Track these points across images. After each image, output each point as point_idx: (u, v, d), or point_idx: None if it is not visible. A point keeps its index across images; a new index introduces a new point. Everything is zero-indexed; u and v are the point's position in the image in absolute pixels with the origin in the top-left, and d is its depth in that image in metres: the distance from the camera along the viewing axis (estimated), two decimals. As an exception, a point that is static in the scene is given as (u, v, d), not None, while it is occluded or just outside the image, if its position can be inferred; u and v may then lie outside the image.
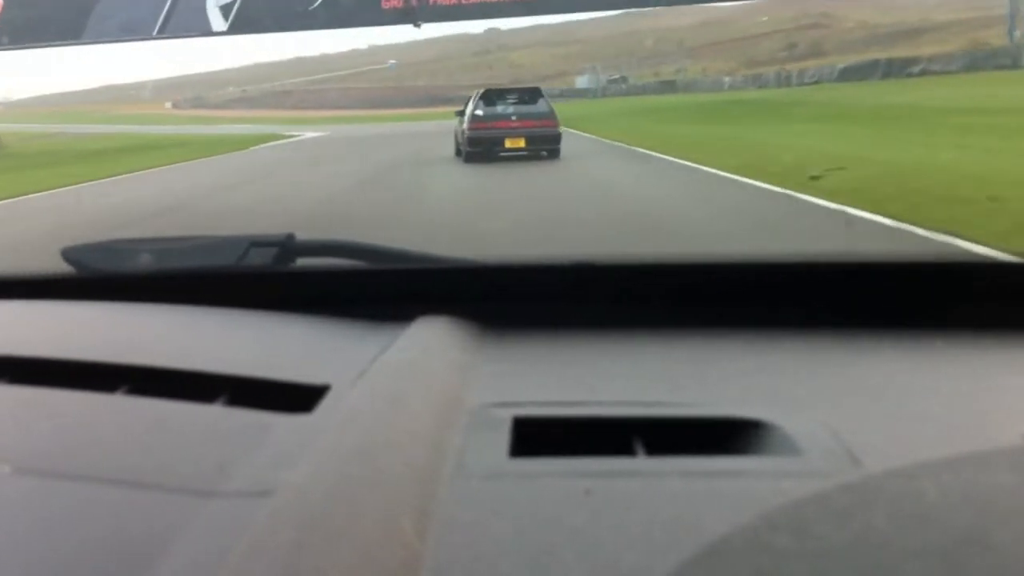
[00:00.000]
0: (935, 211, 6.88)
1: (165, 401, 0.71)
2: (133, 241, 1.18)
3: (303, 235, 1.14)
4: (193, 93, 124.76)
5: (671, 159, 14.06)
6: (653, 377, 0.80)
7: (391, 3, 28.14)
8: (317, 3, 27.57)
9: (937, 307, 0.93)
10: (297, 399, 0.71)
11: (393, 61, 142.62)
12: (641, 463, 0.61)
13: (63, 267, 1.13)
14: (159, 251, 1.14)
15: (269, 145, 28.25)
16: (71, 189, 14.12)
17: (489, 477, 0.58)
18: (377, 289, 1.04)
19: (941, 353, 0.85)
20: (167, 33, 29.08)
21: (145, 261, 1.13)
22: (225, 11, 28.25)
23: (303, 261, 1.13)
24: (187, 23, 28.72)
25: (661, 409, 0.69)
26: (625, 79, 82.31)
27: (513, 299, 0.99)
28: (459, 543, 0.50)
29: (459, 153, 15.53)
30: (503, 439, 0.64)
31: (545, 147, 14.55)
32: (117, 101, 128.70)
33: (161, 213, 9.79)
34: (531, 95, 14.93)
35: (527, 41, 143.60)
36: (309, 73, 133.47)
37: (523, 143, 14.39)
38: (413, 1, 27.80)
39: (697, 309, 0.96)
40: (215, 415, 0.69)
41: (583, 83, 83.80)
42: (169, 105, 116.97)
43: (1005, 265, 1.01)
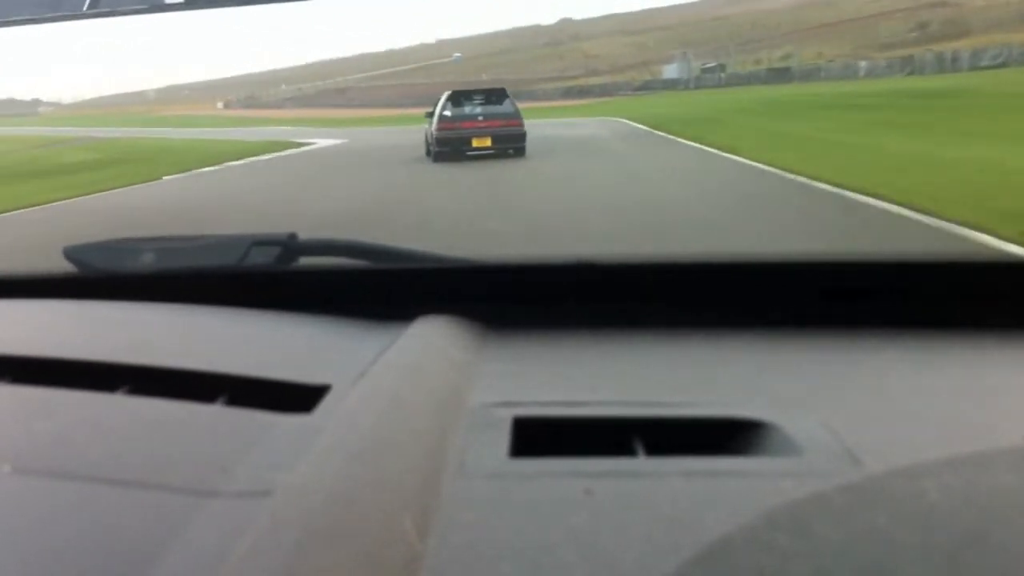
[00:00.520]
0: None
1: (165, 401, 0.71)
2: (135, 240, 1.18)
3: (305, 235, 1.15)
4: (247, 92, 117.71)
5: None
6: (654, 377, 0.80)
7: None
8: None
9: (938, 306, 0.93)
10: (298, 399, 0.71)
11: (458, 54, 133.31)
12: (641, 463, 0.61)
13: (65, 266, 1.14)
14: (161, 250, 1.15)
15: (264, 158, 22.49)
16: None
17: (489, 477, 0.58)
18: (378, 288, 1.04)
19: (942, 353, 0.85)
20: (103, 7, 19.83)
21: (147, 260, 1.13)
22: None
23: (304, 260, 1.13)
24: (127, -7, 19.22)
25: (661, 409, 0.69)
26: (723, 67, 70.89)
27: (514, 299, 1.00)
28: (459, 543, 0.50)
29: (429, 153, 16.53)
30: (503, 439, 0.63)
31: (511, 145, 15.48)
32: (167, 102, 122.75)
33: None
34: (497, 96, 15.96)
35: (602, 30, 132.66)
36: (373, 69, 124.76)
37: (489, 142, 15.40)
38: None
39: (698, 309, 0.97)
40: (215, 415, 0.69)
41: (671, 73, 72.60)
42: (221, 105, 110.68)
43: (1007, 264, 0.98)
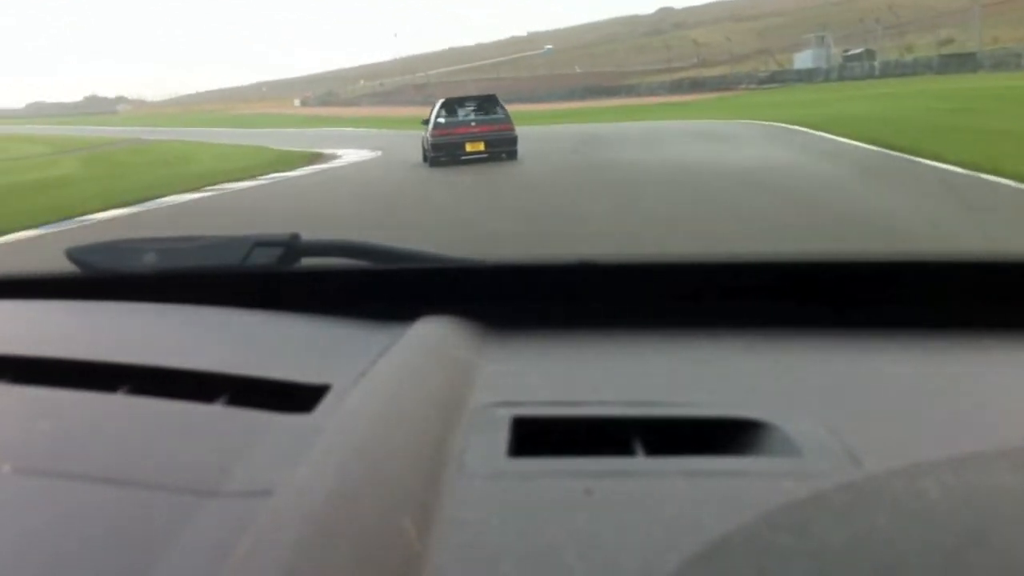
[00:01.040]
0: None
1: (166, 401, 0.71)
2: (137, 240, 1.18)
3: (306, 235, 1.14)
4: (327, 89, 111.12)
5: None
6: (653, 377, 0.80)
7: None
8: None
9: (939, 306, 0.93)
10: (298, 399, 0.71)
11: (549, 46, 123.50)
12: (641, 463, 0.61)
13: (67, 266, 1.14)
14: (163, 250, 1.14)
15: (245, 185, 15.92)
16: None
17: (489, 477, 0.58)
18: (379, 289, 1.05)
19: (943, 352, 0.85)
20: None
21: (149, 260, 1.13)
22: None
23: (306, 261, 1.13)
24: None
25: (661, 409, 0.69)
26: (871, 53, 58.84)
27: (514, 299, 1.00)
28: (459, 543, 0.50)
29: (425, 159, 17.10)
30: (503, 439, 0.64)
31: (503, 149, 16.26)
32: (248, 99, 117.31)
33: None
34: (489, 102, 17.02)
35: (709, 17, 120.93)
36: (463, 63, 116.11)
37: (483, 147, 16.14)
38: None
39: (697, 309, 0.97)
40: (215, 415, 0.69)
41: (805, 61, 60.93)
42: (297, 103, 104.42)
43: (1008, 263, 0.97)
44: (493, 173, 14.48)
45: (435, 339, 0.86)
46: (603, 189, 11.11)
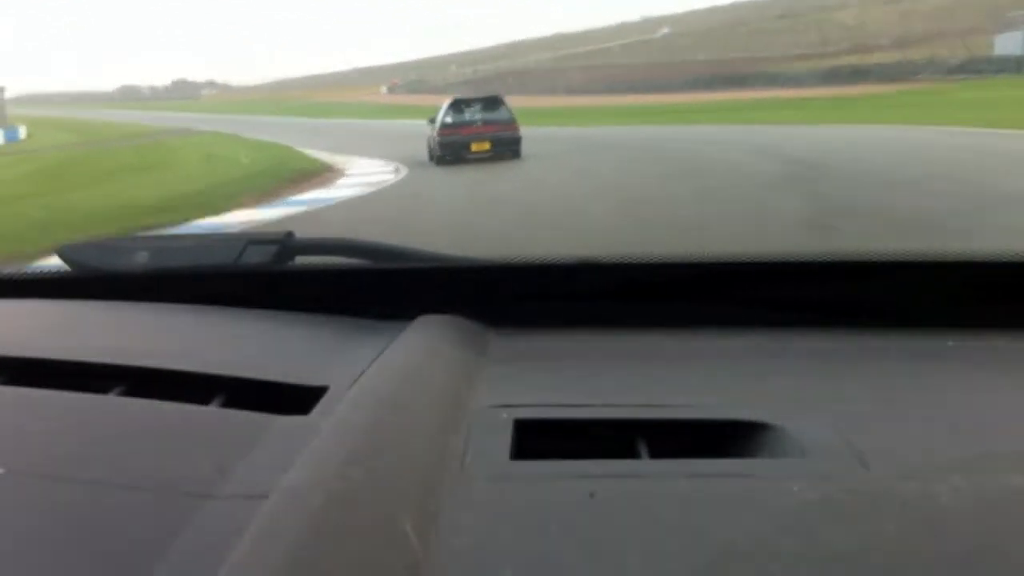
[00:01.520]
0: None
1: (161, 402, 0.71)
2: (130, 239, 1.18)
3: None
4: (418, 75, 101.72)
5: None
6: (657, 378, 0.79)
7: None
8: None
9: (947, 307, 0.92)
10: (295, 400, 0.71)
11: (666, 30, 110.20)
12: (645, 465, 0.60)
13: (59, 265, 1.14)
14: (156, 249, 1.13)
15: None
16: None
17: (491, 480, 0.57)
18: (377, 288, 1.04)
19: (951, 354, 0.84)
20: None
21: (142, 259, 1.11)
22: None
23: (302, 259, 1.12)
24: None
25: (665, 411, 0.69)
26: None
27: (515, 298, 1.00)
28: (460, 547, 0.49)
29: (431, 158, 17.34)
30: (505, 441, 0.63)
31: (507, 149, 16.63)
32: (338, 86, 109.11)
33: None
34: (494, 103, 17.34)
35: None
36: (568, 50, 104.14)
37: (488, 146, 16.56)
38: None
39: (702, 309, 0.96)
40: (211, 417, 0.69)
41: (1014, 45, 46.39)
42: (384, 90, 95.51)
43: (1015, 263, 0.95)
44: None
45: (434, 339, 0.85)
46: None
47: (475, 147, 16.39)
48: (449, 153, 16.41)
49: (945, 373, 0.80)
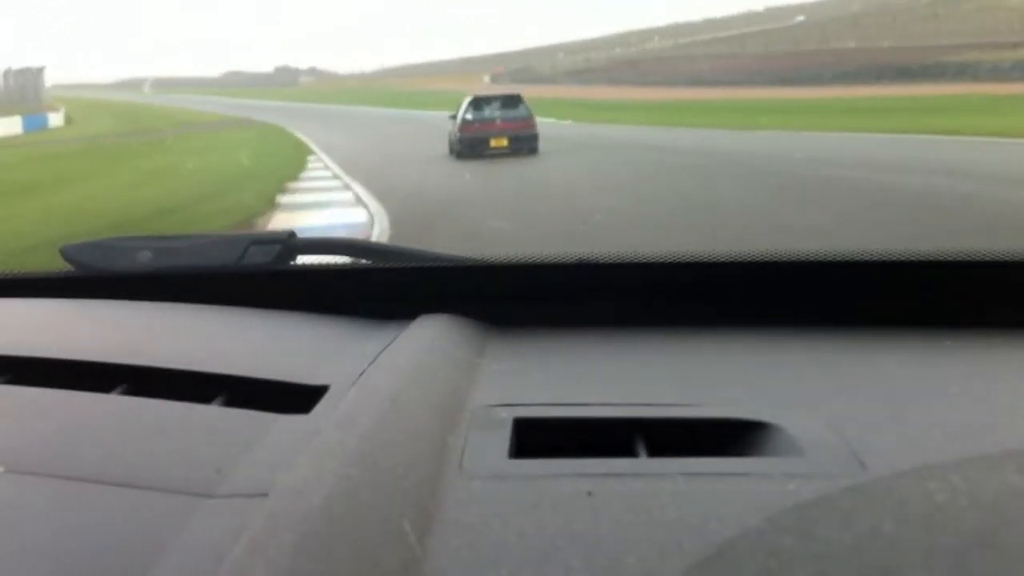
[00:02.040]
0: None
1: (162, 401, 0.71)
2: (132, 239, 1.18)
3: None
4: (523, 63, 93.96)
5: None
6: (655, 377, 0.80)
7: None
8: None
9: (945, 306, 0.93)
10: (296, 399, 0.71)
11: (801, 17, 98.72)
12: (643, 464, 0.61)
13: (62, 265, 1.14)
14: (158, 249, 1.14)
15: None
16: None
17: (490, 478, 0.58)
18: (378, 287, 1.05)
19: (949, 353, 0.85)
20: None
21: (144, 259, 1.12)
22: None
23: (303, 259, 1.12)
24: None
25: (663, 410, 0.69)
26: None
27: (515, 298, 1.00)
28: (459, 545, 0.50)
29: (452, 151, 18.10)
30: (504, 439, 0.64)
31: (525, 145, 17.29)
32: (438, 75, 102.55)
33: None
34: (513, 101, 17.90)
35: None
36: (673, 44, 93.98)
37: (506, 142, 17.24)
38: None
39: (700, 308, 0.97)
40: (213, 416, 0.69)
41: None
42: (487, 79, 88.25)
43: (1014, 263, 0.96)
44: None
45: (434, 338, 0.86)
46: None
47: (494, 143, 17.07)
48: (469, 148, 17.02)
49: (942, 373, 0.80)
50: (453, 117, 18.33)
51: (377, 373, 0.75)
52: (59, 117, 45.49)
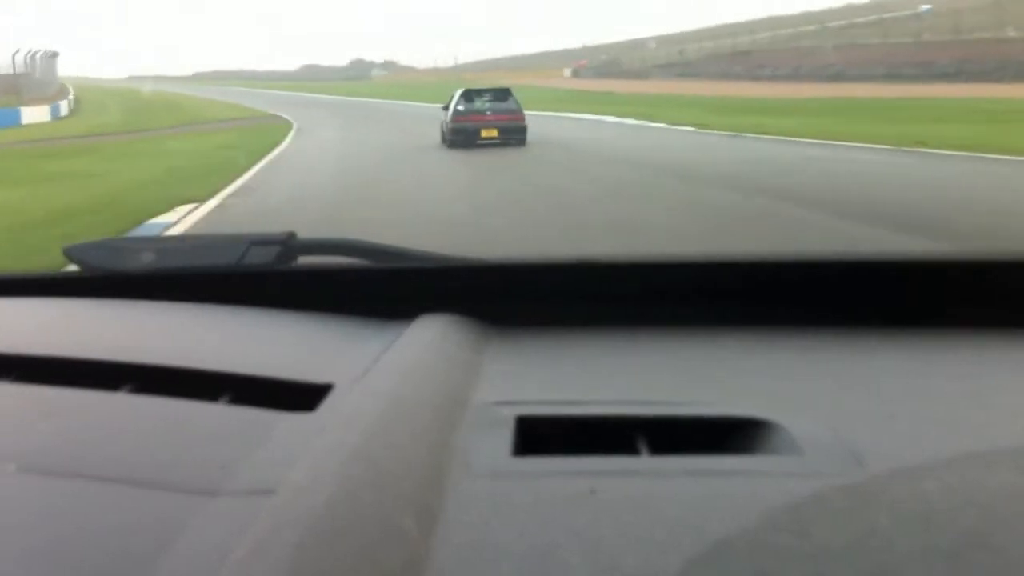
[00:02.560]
0: None
1: (168, 400, 0.72)
2: (136, 239, 1.21)
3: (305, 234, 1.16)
4: (609, 56, 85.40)
5: None
6: (657, 376, 0.80)
7: None
8: None
9: (941, 306, 0.93)
10: (300, 398, 0.72)
11: (927, 6, 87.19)
12: (645, 462, 0.61)
13: (66, 265, 1.15)
14: (162, 249, 1.16)
15: None
16: None
17: (492, 476, 0.58)
18: (380, 287, 1.06)
19: (945, 352, 0.86)
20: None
21: (148, 259, 1.13)
22: None
23: (305, 259, 1.14)
24: None
25: (665, 408, 0.70)
26: None
27: (517, 297, 1.01)
28: (462, 542, 0.50)
29: (444, 141, 18.92)
30: (506, 438, 0.64)
31: (513, 137, 18.02)
32: (516, 70, 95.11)
33: None
34: (502, 94, 18.64)
35: None
36: (782, 34, 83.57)
37: (496, 133, 17.92)
38: None
39: (701, 308, 0.97)
40: (218, 414, 0.70)
41: None
42: (568, 73, 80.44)
43: (1009, 263, 0.97)
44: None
45: (437, 338, 0.86)
46: None
47: (485, 134, 17.83)
48: (461, 138, 17.86)
49: (939, 372, 0.80)
50: (445, 108, 18.99)
51: (380, 372, 0.76)
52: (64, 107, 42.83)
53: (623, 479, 0.57)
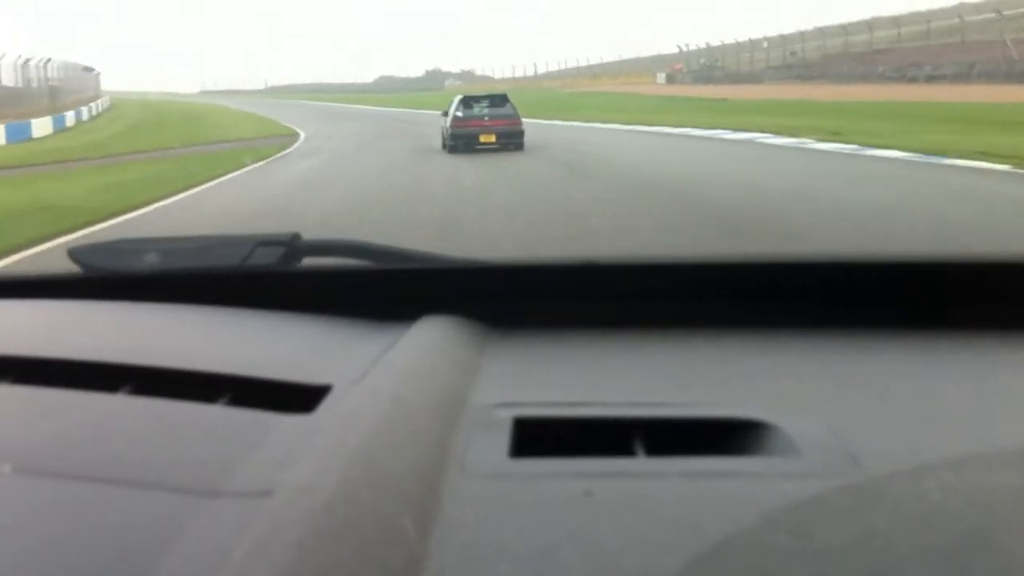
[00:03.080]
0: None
1: (168, 401, 0.72)
2: (139, 241, 1.19)
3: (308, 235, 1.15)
4: (709, 58, 75.42)
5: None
6: (654, 377, 0.81)
7: None
8: None
9: (940, 307, 0.93)
10: (299, 399, 0.72)
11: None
12: (642, 464, 0.62)
13: (69, 266, 1.15)
14: (165, 251, 1.15)
15: None
16: None
17: (490, 477, 0.59)
18: (380, 289, 1.06)
19: (943, 353, 0.86)
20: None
21: (150, 261, 1.13)
22: None
23: (307, 261, 1.14)
24: None
25: (662, 409, 0.70)
26: None
27: (515, 299, 1.01)
28: (460, 543, 0.50)
29: (444, 146, 19.83)
30: (504, 439, 0.64)
31: (511, 141, 18.85)
32: (605, 76, 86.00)
33: None
34: (500, 100, 19.50)
35: None
36: (904, 36, 71.22)
37: (494, 138, 18.76)
38: None
39: (698, 309, 0.97)
40: (217, 415, 0.70)
41: None
42: (662, 78, 71.14)
43: (1009, 264, 0.97)
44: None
45: (436, 339, 0.86)
46: None
47: (483, 138, 18.70)
48: (460, 143, 18.74)
49: (937, 373, 0.80)
50: (445, 114, 20.04)
51: (379, 373, 0.76)
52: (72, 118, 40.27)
53: (620, 480, 0.57)
